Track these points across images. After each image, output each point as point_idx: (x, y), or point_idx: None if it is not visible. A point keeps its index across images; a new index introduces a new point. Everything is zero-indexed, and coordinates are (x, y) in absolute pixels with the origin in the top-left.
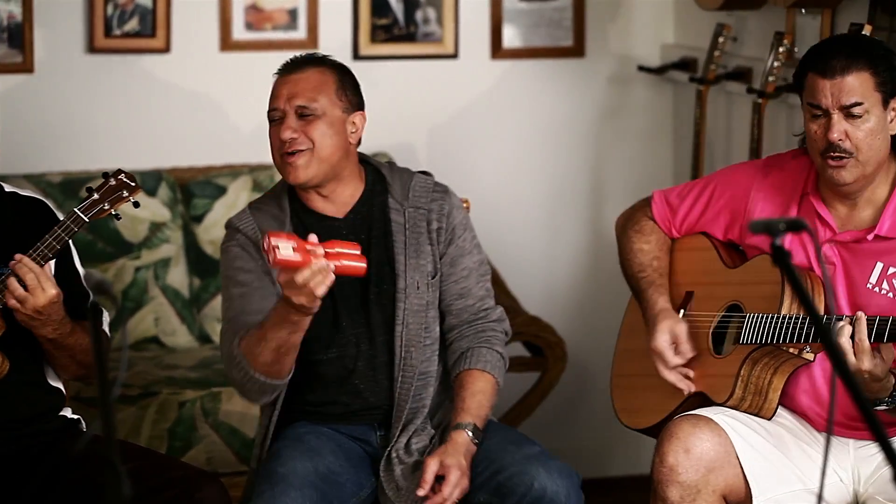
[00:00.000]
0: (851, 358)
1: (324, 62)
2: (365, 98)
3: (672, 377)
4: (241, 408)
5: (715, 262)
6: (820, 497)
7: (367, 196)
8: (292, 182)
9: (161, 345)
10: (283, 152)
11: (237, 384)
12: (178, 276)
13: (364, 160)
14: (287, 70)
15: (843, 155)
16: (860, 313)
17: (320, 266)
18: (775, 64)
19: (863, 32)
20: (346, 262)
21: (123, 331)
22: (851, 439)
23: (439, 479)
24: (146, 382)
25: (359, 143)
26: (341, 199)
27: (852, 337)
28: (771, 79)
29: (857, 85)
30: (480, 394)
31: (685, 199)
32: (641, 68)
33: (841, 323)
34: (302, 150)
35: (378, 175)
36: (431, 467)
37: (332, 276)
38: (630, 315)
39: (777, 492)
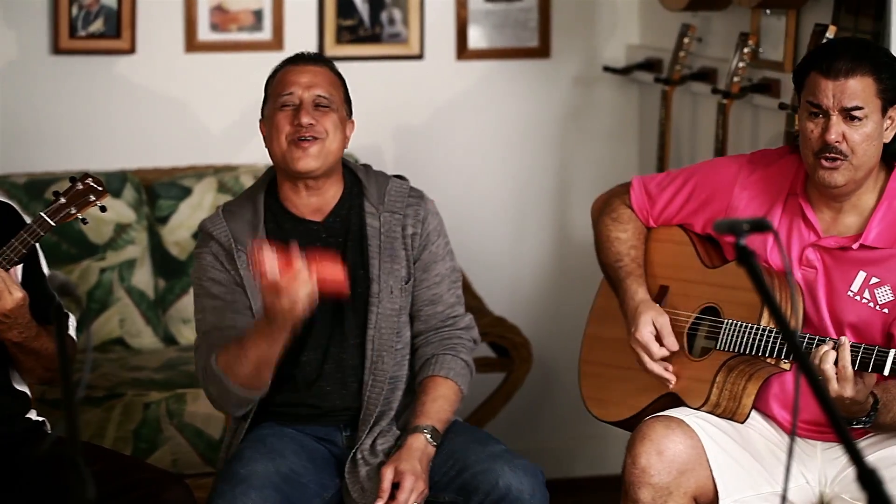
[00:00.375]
0: (834, 385)
1: (333, 65)
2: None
3: (657, 369)
4: (207, 409)
5: (692, 259)
6: (784, 498)
7: (345, 199)
8: (300, 168)
9: (126, 346)
10: (296, 138)
11: (213, 398)
12: (144, 278)
13: (342, 163)
14: (303, 61)
15: (838, 157)
16: (844, 339)
17: (301, 274)
18: (740, 64)
19: (826, 34)
20: (328, 277)
21: (87, 332)
22: (819, 441)
23: (398, 485)
24: (111, 384)
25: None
26: (325, 197)
27: (836, 362)
28: (736, 79)
29: (859, 89)
30: (442, 399)
31: (665, 189)
32: (607, 69)
33: (825, 348)
34: (316, 140)
35: (355, 178)
36: (387, 476)
37: (314, 290)
38: (601, 300)
39: (744, 494)
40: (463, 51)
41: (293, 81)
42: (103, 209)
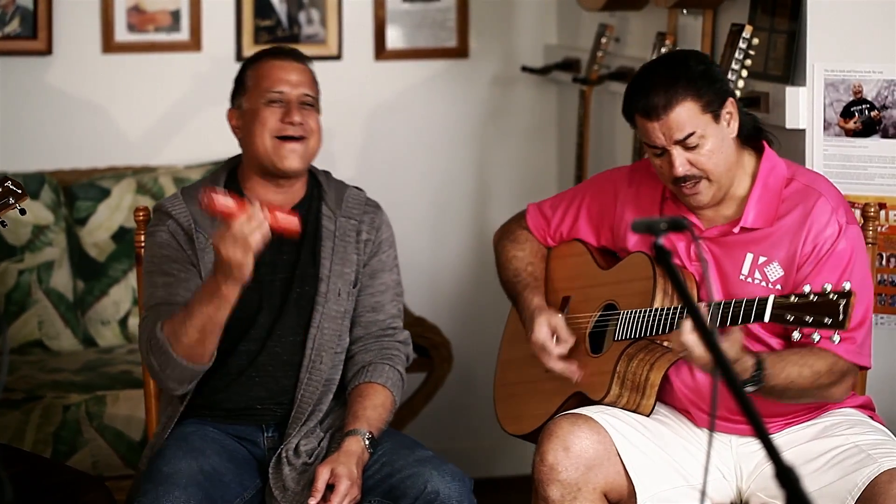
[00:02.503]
0: (697, 350)
1: (311, 64)
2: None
3: (559, 367)
4: (127, 411)
5: (590, 266)
6: (703, 493)
7: (306, 199)
8: (285, 167)
9: (45, 348)
10: (282, 135)
11: (156, 372)
12: (62, 279)
13: None
14: (286, 57)
15: (695, 180)
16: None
17: (255, 213)
18: None
19: (743, 34)
20: (281, 216)
21: (5, 335)
22: (733, 435)
23: (331, 486)
24: (30, 386)
25: None
26: (290, 194)
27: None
28: None
29: (684, 117)
30: (381, 407)
31: (557, 209)
32: (525, 69)
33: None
34: (303, 138)
35: (315, 181)
36: (322, 475)
37: (267, 228)
38: (511, 325)
39: (660, 488)
40: (381, 51)
41: (282, 79)
42: (23, 212)
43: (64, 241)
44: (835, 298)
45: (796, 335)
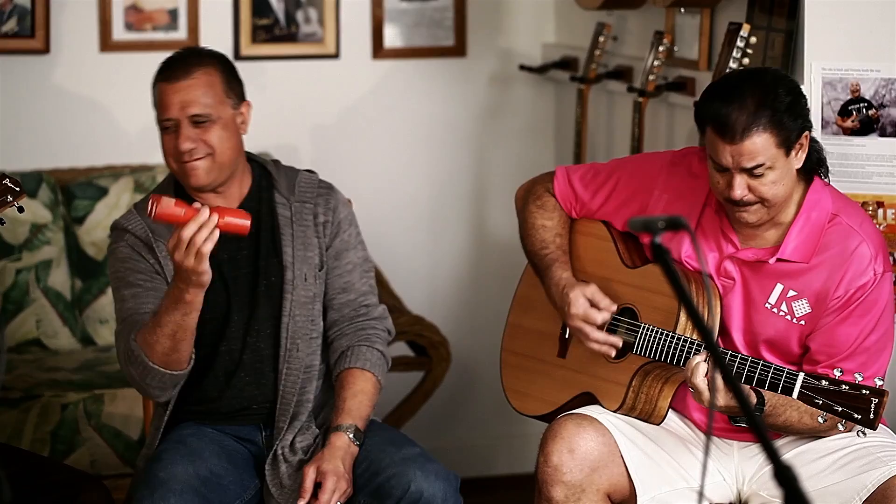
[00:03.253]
0: (706, 395)
1: (205, 59)
2: (247, 99)
3: (601, 337)
4: (125, 410)
5: (612, 256)
6: (701, 494)
7: (254, 191)
8: (194, 185)
9: (43, 347)
10: (179, 161)
11: (137, 382)
12: (60, 278)
13: (249, 158)
14: (173, 76)
15: (749, 204)
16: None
17: (203, 218)
18: (655, 63)
19: (740, 32)
20: (229, 219)
21: (3, 333)
22: (735, 441)
23: (321, 485)
24: (28, 385)
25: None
26: (232, 194)
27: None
28: (651, 78)
29: (759, 147)
30: (362, 394)
31: (588, 185)
32: (523, 67)
33: (697, 359)
34: (202, 157)
35: (264, 171)
36: (310, 475)
37: (217, 232)
38: (523, 287)
39: (661, 490)
40: (379, 50)
41: (167, 103)
42: (21, 210)
43: (62, 239)
44: (867, 394)
45: (821, 419)
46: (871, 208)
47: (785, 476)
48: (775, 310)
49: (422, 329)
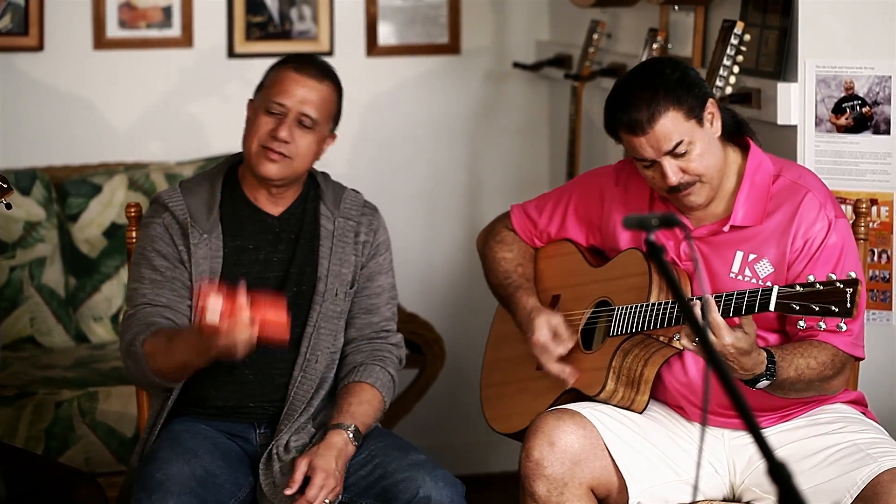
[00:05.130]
0: (711, 336)
1: (335, 78)
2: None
3: (557, 368)
4: (119, 407)
5: (580, 264)
6: (695, 488)
7: (302, 199)
8: (262, 174)
9: (37, 345)
10: (266, 144)
11: (130, 372)
12: (54, 276)
13: None
14: (306, 71)
15: (689, 185)
16: (706, 295)
17: (243, 337)
18: None
19: (734, 30)
20: (270, 334)
21: None
22: (726, 429)
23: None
24: (22, 383)
25: None
26: (284, 198)
27: (706, 319)
28: None
29: (669, 127)
30: (367, 404)
31: (543, 211)
32: (517, 65)
33: (692, 303)
34: (285, 155)
35: (313, 181)
36: (301, 467)
37: (255, 338)
38: (497, 325)
39: (652, 483)
40: (373, 47)
41: (288, 92)
42: (8, 206)
43: (56, 237)
44: (841, 287)
45: (802, 324)
46: (864, 206)
47: (779, 473)
48: (740, 277)
49: (416, 327)
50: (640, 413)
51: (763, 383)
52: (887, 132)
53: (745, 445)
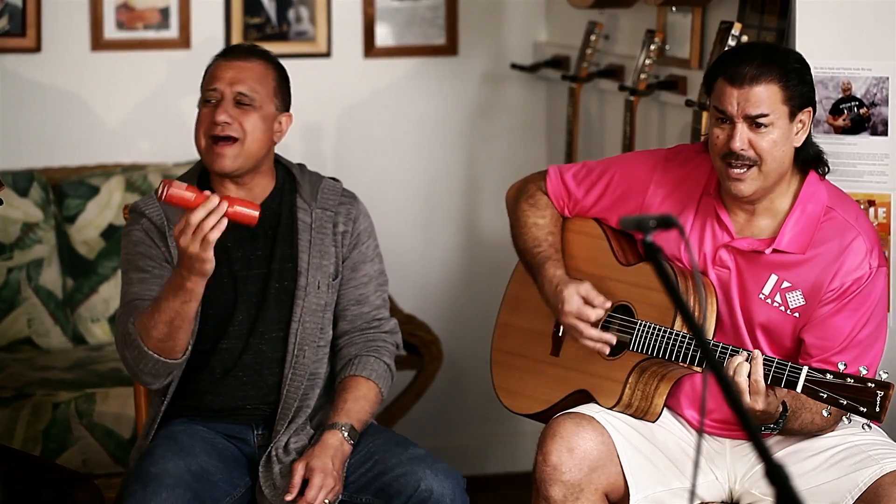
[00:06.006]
0: (747, 398)
1: (268, 57)
2: (290, 112)
3: (594, 335)
4: (116, 409)
5: (606, 254)
6: (692, 493)
7: (277, 193)
8: (217, 170)
9: (34, 346)
10: (212, 134)
11: (130, 366)
12: (52, 277)
13: (277, 160)
14: (232, 55)
15: (746, 163)
16: (757, 352)
17: (212, 205)
18: (647, 62)
19: (732, 31)
20: (239, 208)
21: None
22: (728, 439)
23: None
24: (19, 384)
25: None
26: (254, 191)
27: (749, 374)
28: (643, 76)
29: (765, 96)
30: (363, 399)
31: (581, 183)
32: (514, 66)
33: (739, 359)
34: (232, 139)
35: (288, 174)
36: (298, 471)
37: (225, 221)
38: (514, 286)
39: (655, 490)
40: (370, 49)
41: (218, 76)
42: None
43: (53, 238)
44: (872, 387)
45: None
46: (862, 207)
47: (777, 474)
48: (769, 300)
49: (413, 328)
50: (654, 423)
51: (765, 432)
52: (885, 133)
53: (747, 455)
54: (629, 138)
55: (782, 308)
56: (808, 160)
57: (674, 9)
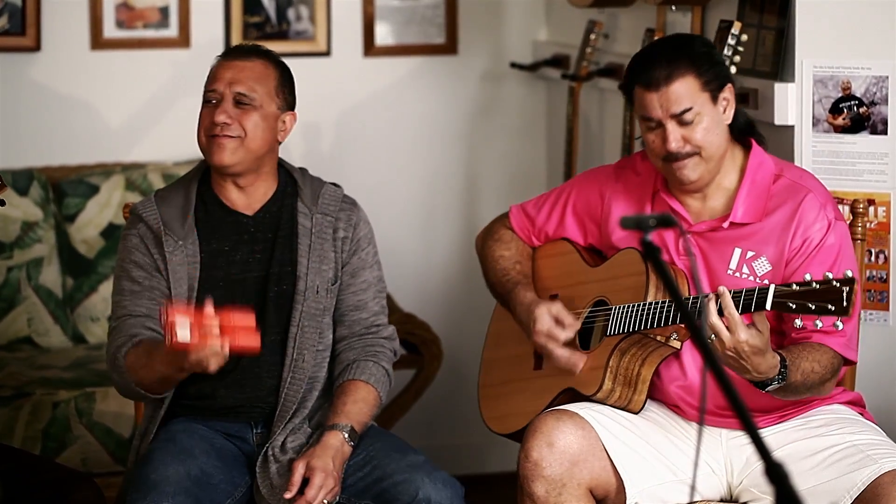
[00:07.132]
0: (726, 333)
1: (269, 56)
2: (295, 112)
3: (563, 354)
4: (116, 408)
5: (578, 264)
6: (693, 488)
7: (278, 196)
8: (216, 163)
9: (34, 345)
10: (210, 133)
11: (116, 383)
12: (51, 276)
13: (279, 164)
14: (233, 55)
15: (687, 156)
16: (722, 288)
17: (214, 350)
18: None
19: (731, 30)
20: (240, 343)
21: None
22: (723, 429)
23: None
24: (19, 383)
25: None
26: (255, 194)
27: (721, 313)
28: None
29: (683, 91)
30: (362, 402)
31: (542, 208)
32: (514, 65)
33: (706, 300)
34: (232, 136)
35: (290, 178)
36: (298, 470)
37: (226, 354)
38: (495, 324)
39: (649, 483)
40: (370, 48)
41: (218, 76)
42: (2, 203)
43: (53, 237)
44: (837, 285)
45: (798, 323)
46: (861, 206)
47: (776, 473)
48: (738, 274)
49: (413, 327)
50: (637, 413)
51: (773, 386)
52: (884, 132)
53: (743, 446)
54: (629, 137)
55: (751, 278)
56: (743, 130)
57: (673, 7)
